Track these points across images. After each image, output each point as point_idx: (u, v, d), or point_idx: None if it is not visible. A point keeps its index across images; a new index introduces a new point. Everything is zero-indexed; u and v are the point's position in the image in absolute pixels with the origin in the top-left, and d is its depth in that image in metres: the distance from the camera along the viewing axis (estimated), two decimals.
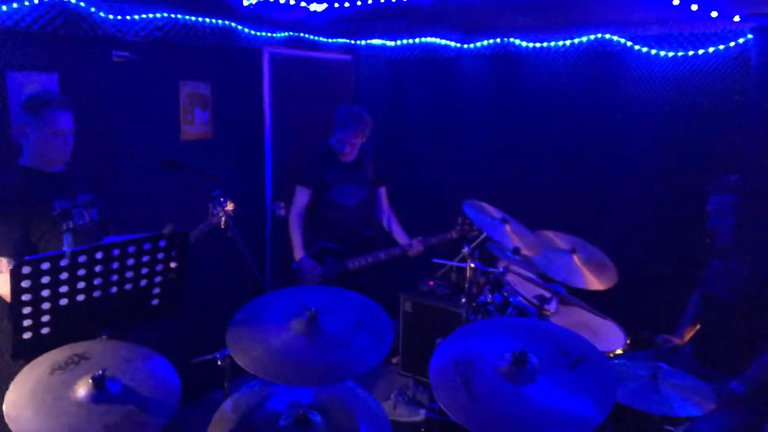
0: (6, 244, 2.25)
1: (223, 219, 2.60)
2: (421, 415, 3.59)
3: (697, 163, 3.37)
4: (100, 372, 1.62)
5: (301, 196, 3.65)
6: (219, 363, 2.17)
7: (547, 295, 2.90)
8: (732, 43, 3.23)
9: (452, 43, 4.33)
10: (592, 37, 3.70)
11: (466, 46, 4.27)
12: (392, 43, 4.59)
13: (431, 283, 4.01)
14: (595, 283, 2.79)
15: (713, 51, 3.30)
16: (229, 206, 2.65)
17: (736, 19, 3.03)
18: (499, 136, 4.20)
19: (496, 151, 4.23)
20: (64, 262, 1.84)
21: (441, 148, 4.50)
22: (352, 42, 4.61)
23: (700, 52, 3.34)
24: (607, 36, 3.65)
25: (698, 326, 2.96)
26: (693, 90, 3.40)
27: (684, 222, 3.35)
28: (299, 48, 4.21)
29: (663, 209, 3.56)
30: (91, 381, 1.61)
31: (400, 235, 3.84)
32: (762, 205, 2.72)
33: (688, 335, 2.98)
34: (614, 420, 2.27)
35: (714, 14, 2.94)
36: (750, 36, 3.15)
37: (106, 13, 3.04)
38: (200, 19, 3.49)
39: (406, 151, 4.66)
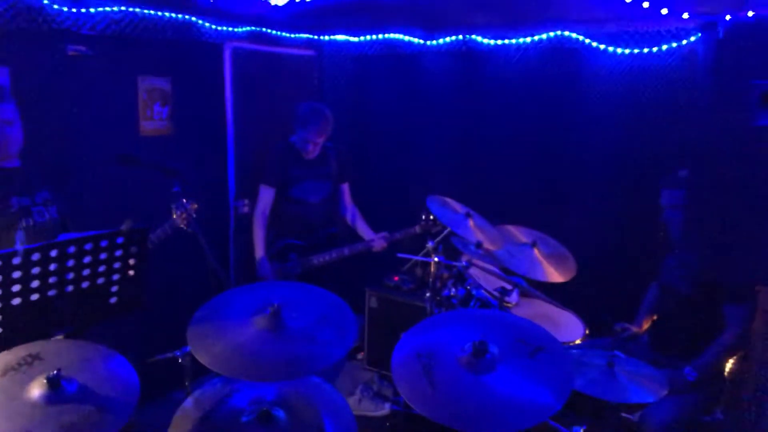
0: None
1: (186, 221, 2.54)
2: (386, 409, 3.61)
3: (652, 159, 3.47)
4: (55, 372, 1.57)
5: (266, 195, 3.62)
6: (180, 361, 2.14)
7: (509, 287, 2.95)
8: (684, 41, 3.33)
9: (415, 40, 4.35)
10: (551, 34, 3.76)
11: (428, 42, 4.30)
12: (356, 39, 4.59)
13: (396, 278, 4.03)
14: (555, 275, 2.85)
15: (666, 49, 3.40)
16: (193, 207, 2.59)
17: (685, 16, 3.11)
18: (462, 132, 4.25)
19: (459, 147, 4.27)
20: (16, 261, 1.79)
21: (404, 144, 4.52)
22: (316, 37, 4.58)
23: (654, 49, 3.43)
24: (566, 33, 3.71)
25: (655, 316, 3.06)
26: (647, 87, 3.49)
27: (640, 215, 3.45)
28: (261, 43, 4.17)
29: (620, 203, 3.66)
30: (45, 381, 1.56)
31: (365, 231, 3.85)
32: (711, 198, 2.82)
33: (646, 324, 3.07)
34: (573, 408, 2.33)
35: (664, 11, 3.02)
36: (699, 34, 3.25)
37: (60, 5, 2.96)
38: (159, 12, 3.42)
39: (369, 146, 4.67)
